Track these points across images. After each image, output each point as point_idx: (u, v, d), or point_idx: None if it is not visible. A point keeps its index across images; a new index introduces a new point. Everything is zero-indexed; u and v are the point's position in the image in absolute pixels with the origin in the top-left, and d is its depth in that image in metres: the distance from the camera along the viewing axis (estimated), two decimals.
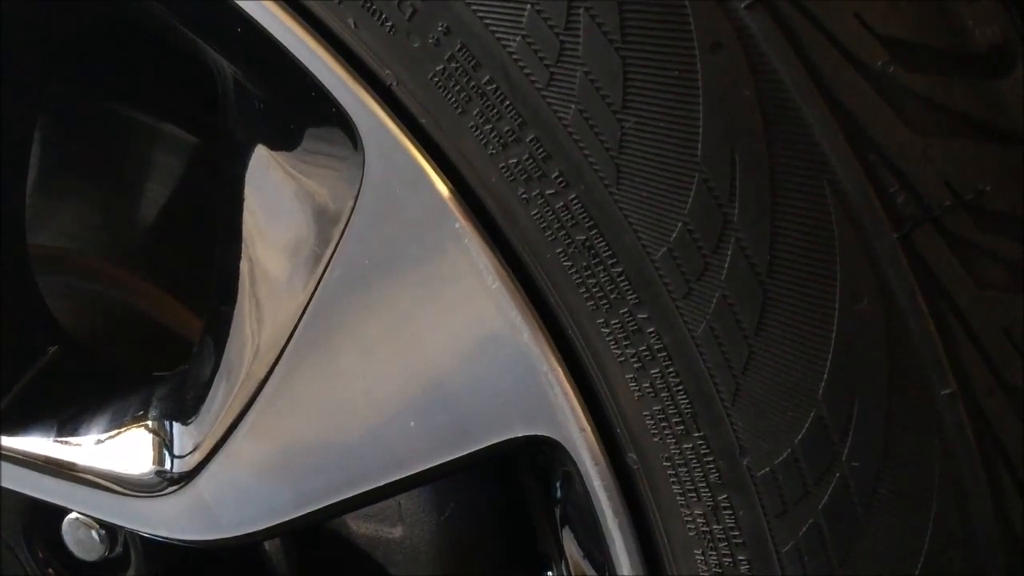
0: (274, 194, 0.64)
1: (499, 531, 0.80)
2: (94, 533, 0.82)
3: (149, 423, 0.72)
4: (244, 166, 0.65)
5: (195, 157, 0.92)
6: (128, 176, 0.94)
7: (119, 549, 0.83)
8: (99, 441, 0.74)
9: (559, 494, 0.67)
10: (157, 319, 0.89)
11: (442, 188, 0.56)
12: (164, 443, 0.70)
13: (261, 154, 0.64)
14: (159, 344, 0.88)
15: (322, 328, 0.61)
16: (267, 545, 0.84)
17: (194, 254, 0.89)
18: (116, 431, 0.73)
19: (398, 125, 0.56)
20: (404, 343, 0.60)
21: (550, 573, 0.72)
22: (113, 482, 0.72)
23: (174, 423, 0.70)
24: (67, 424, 0.76)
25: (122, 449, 0.72)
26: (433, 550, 0.81)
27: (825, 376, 0.50)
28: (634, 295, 0.53)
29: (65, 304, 0.89)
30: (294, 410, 0.64)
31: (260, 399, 0.64)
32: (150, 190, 0.93)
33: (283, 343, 0.62)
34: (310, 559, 0.85)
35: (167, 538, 0.71)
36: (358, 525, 0.83)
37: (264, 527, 0.67)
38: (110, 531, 0.82)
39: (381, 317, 0.60)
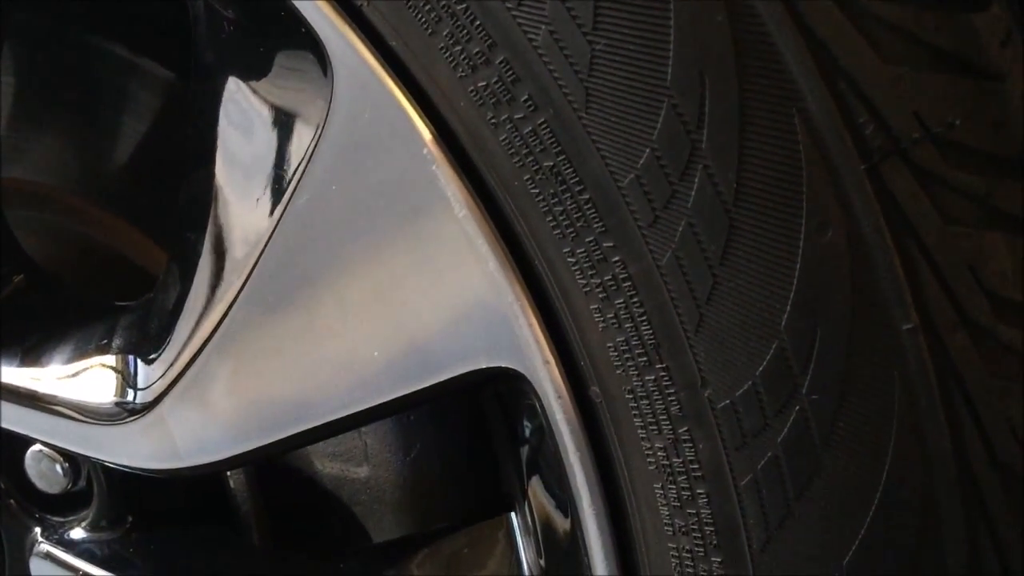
0: (243, 118, 0.63)
1: (464, 472, 0.80)
2: (57, 466, 0.82)
3: (112, 351, 0.71)
4: (214, 90, 0.64)
5: (170, 92, 0.91)
6: (101, 110, 0.93)
7: (82, 483, 0.82)
8: (62, 369, 0.73)
9: (522, 432, 0.67)
10: (124, 254, 0.88)
11: (411, 113, 0.55)
12: (127, 371, 0.69)
13: (231, 78, 0.63)
14: (126, 278, 0.87)
15: (287, 255, 0.61)
16: (232, 483, 0.84)
17: (165, 190, 0.88)
18: (79, 359, 0.73)
19: (367, 47, 0.55)
20: (369, 271, 0.59)
21: (514, 513, 0.72)
22: (75, 410, 0.72)
23: (137, 351, 0.70)
24: (31, 352, 0.75)
25: (84, 377, 0.72)
26: (398, 490, 0.81)
27: (788, 308, 0.50)
28: (600, 223, 0.52)
29: (32, 237, 0.88)
30: (258, 339, 0.63)
31: (224, 327, 0.63)
32: (123, 125, 0.92)
33: (249, 270, 0.62)
34: (275, 499, 0.85)
35: (128, 467, 0.71)
36: (323, 465, 0.83)
37: (226, 456, 0.66)
38: (73, 464, 0.82)
39: (346, 245, 0.59)
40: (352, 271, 0.60)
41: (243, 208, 0.63)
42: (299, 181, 0.59)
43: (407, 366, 0.61)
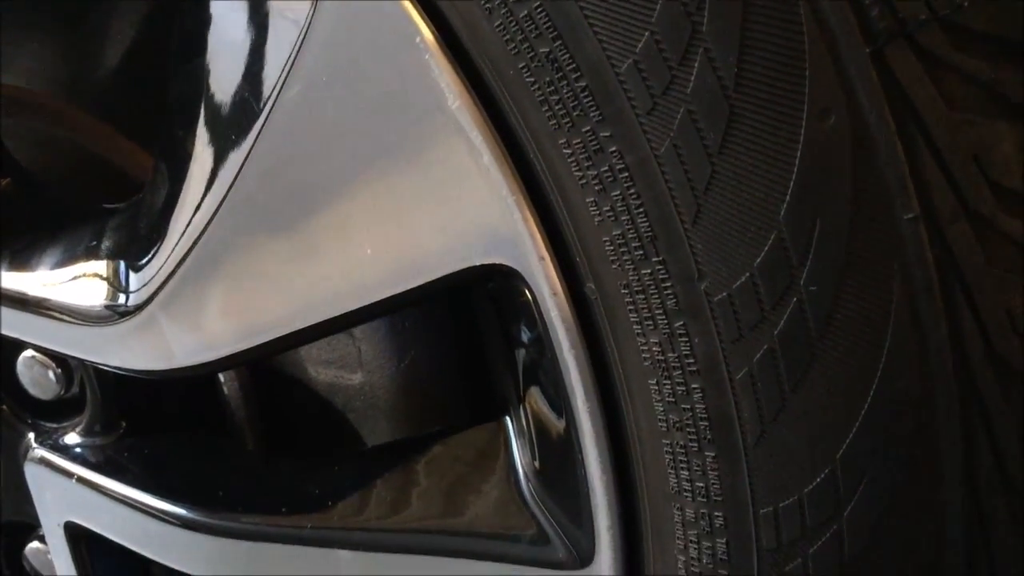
0: (232, 7, 0.61)
1: (458, 378, 0.80)
2: (50, 372, 0.81)
3: (102, 253, 0.70)
4: None
5: None
6: (88, 15, 0.91)
7: (75, 390, 0.82)
8: (52, 272, 0.72)
9: (516, 334, 0.67)
10: (111, 160, 0.86)
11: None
12: (117, 272, 0.68)
13: None
14: (113, 185, 0.86)
15: (277, 149, 0.59)
16: (226, 390, 0.84)
17: (153, 94, 0.87)
18: (69, 262, 0.72)
19: None
20: (360, 166, 0.58)
21: (508, 416, 0.72)
22: (66, 313, 0.71)
23: (128, 252, 0.69)
24: (19, 256, 0.74)
25: (74, 280, 0.71)
26: (392, 397, 0.80)
27: (788, 197, 0.49)
28: (597, 111, 0.51)
29: (18, 144, 0.86)
30: (249, 235, 0.62)
31: (215, 223, 0.62)
32: (111, 29, 0.90)
33: (239, 164, 0.60)
34: (269, 406, 0.85)
35: (121, 369, 0.70)
36: (317, 371, 0.82)
37: (219, 357, 0.66)
38: (66, 370, 0.81)
39: (338, 138, 0.58)
40: (343, 167, 0.58)
41: (233, 101, 0.61)
42: (289, 72, 0.57)
43: (400, 264, 0.60)
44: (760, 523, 0.55)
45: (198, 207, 0.63)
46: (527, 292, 0.59)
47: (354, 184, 0.59)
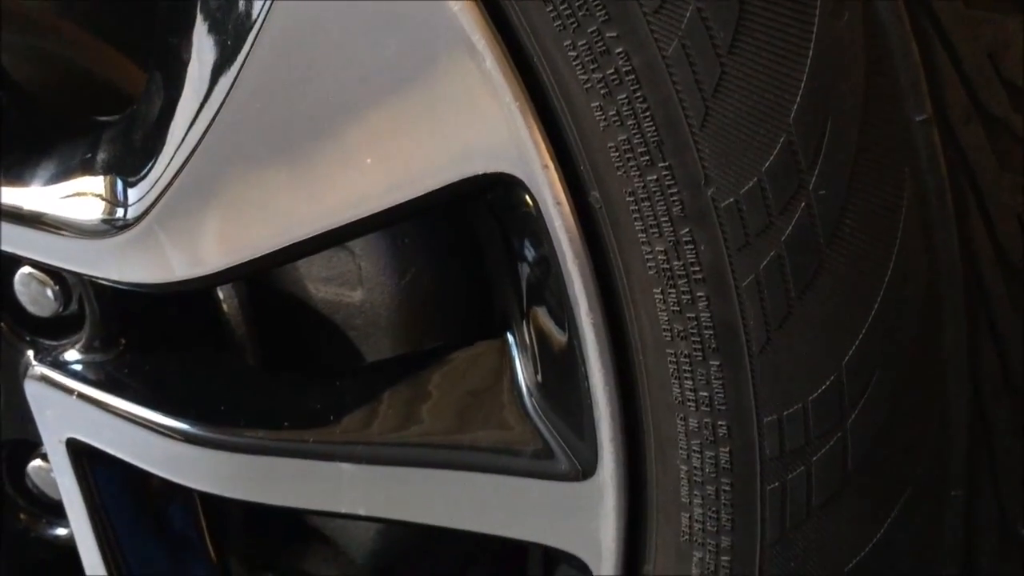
0: None
1: (459, 294, 0.79)
2: (48, 290, 0.81)
3: (97, 166, 0.69)
4: None
5: None
6: None
7: (74, 307, 0.82)
8: (46, 185, 0.71)
9: (519, 247, 0.66)
10: (103, 75, 0.85)
11: None
12: (113, 183, 0.67)
13: None
14: (105, 101, 0.84)
15: (275, 54, 0.58)
16: (226, 308, 0.83)
17: (146, 9, 0.85)
18: (64, 175, 0.71)
19: None
20: (361, 71, 0.57)
21: (510, 332, 0.72)
22: (63, 227, 0.70)
23: (123, 164, 0.68)
24: (13, 169, 0.73)
25: (70, 192, 0.70)
26: (393, 314, 0.80)
27: (798, 99, 0.48)
28: (603, 10, 0.50)
29: (11, 59, 0.84)
30: (248, 142, 0.61)
31: (213, 131, 0.61)
32: None
33: (238, 69, 0.59)
34: (269, 324, 0.85)
35: (119, 282, 0.70)
36: (317, 288, 0.82)
37: (217, 269, 0.65)
38: (64, 287, 0.81)
39: (336, 44, 0.56)
40: (342, 73, 0.57)
41: (229, 8, 0.60)
42: None
43: (401, 174, 0.59)
44: (764, 432, 0.55)
45: (195, 116, 0.61)
46: (530, 202, 0.58)
47: (353, 92, 0.57)
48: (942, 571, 0.57)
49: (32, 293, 0.81)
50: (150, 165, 0.65)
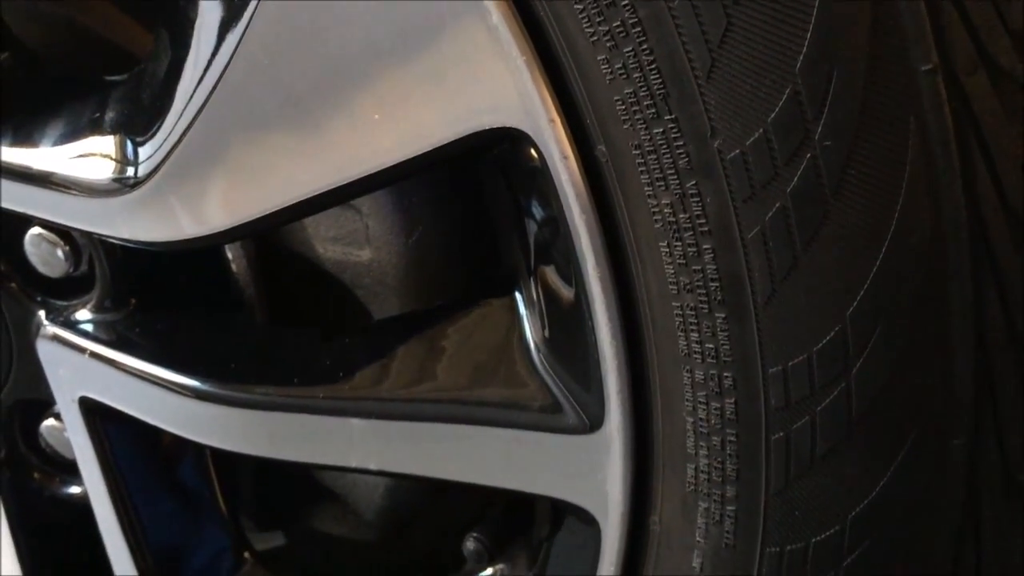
0: None
1: (467, 253, 0.80)
2: (58, 250, 0.81)
3: (105, 125, 0.70)
4: None
5: None
6: None
7: (84, 267, 0.82)
8: (55, 144, 0.71)
9: (525, 204, 0.67)
10: (108, 37, 0.85)
11: None
12: (123, 141, 0.68)
13: None
14: (111, 62, 0.84)
15: (282, 10, 0.58)
16: (234, 267, 0.84)
17: None
18: (73, 134, 0.71)
19: None
20: (367, 27, 0.57)
21: (517, 290, 0.72)
22: (73, 185, 0.71)
23: (131, 122, 0.68)
24: (22, 129, 0.73)
25: (79, 152, 0.70)
26: (400, 273, 0.81)
27: (804, 48, 0.48)
28: None
29: (17, 17, 0.84)
30: (256, 99, 0.61)
31: (220, 88, 0.61)
32: None
33: (243, 27, 0.59)
34: (277, 283, 0.85)
35: (129, 240, 0.70)
36: (325, 248, 0.82)
37: (225, 226, 0.66)
38: (74, 248, 0.81)
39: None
40: (350, 27, 0.57)
41: None
42: None
43: (409, 129, 0.59)
44: (769, 383, 0.56)
45: (203, 74, 0.62)
46: (536, 157, 0.59)
47: (359, 47, 0.57)
48: (944, 519, 0.58)
49: (42, 254, 0.82)
50: (159, 123, 0.66)
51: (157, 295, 0.82)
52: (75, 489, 0.95)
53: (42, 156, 0.72)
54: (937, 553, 0.59)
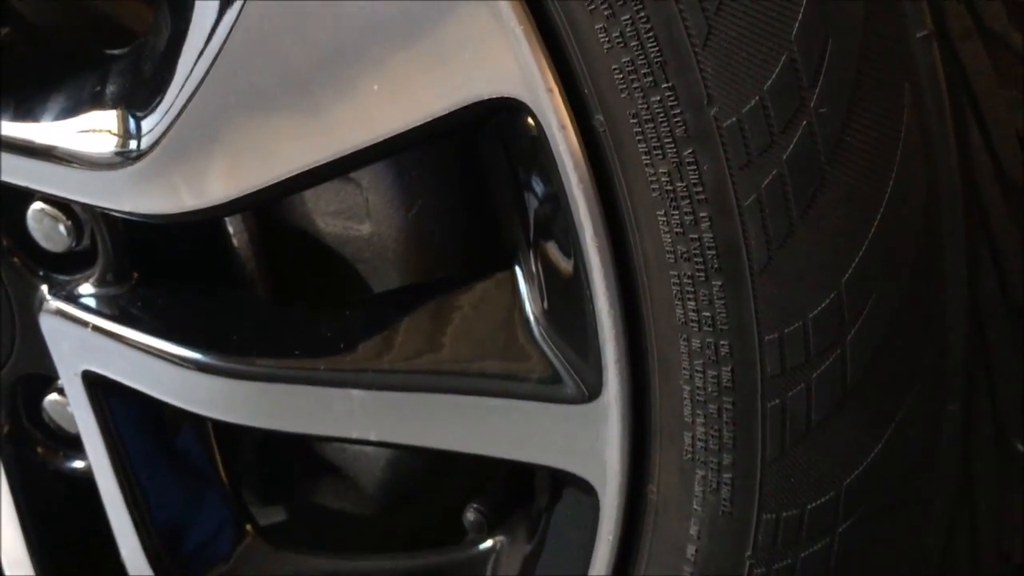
0: None
1: (467, 227, 0.80)
2: (61, 226, 0.82)
3: (107, 98, 0.70)
4: None
5: None
6: None
7: (86, 242, 0.83)
8: (58, 118, 0.72)
9: (524, 176, 0.67)
10: (109, 12, 0.85)
11: None
12: (125, 114, 0.68)
13: None
14: (112, 38, 0.84)
15: None
16: (235, 242, 0.84)
17: None
18: (75, 107, 0.72)
19: None
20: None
21: (517, 263, 0.73)
22: (75, 159, 0.71)
23: (133, 95, 0.69)
24: (24, 103, 0.74)
25: (80, 125, 0.71)
26: (401, 247, 0.81)
27: (800, 15, 0.48)
28: None
29: None
30: (257, 69, 0.62)
31: (222, 58, 0.61)
32: None
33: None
34: (278, 259, 0.86)
35: (131, 213, 0.71)
36: (325, 223, 0.83)
37: (227, 198, 0.66)
38: (76, 223, 0.82)
39: None
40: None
41: None
42: None
43: (408, 99, 0.59)
44: (765, 350, 0.56)
45: (204, 46, 0.62)
46: (535, 127, 0.59)
47: (359, 17, 0.58)
48: (939, 486, 0.58)
49: (45, 229, 0.82)
50: (160, 96, 0.66)
51: (159, 269, 0.82)
52: (79, 463, 0.96)
53: (44, 130, 0.72)
54: (931, 519, 0.59)
